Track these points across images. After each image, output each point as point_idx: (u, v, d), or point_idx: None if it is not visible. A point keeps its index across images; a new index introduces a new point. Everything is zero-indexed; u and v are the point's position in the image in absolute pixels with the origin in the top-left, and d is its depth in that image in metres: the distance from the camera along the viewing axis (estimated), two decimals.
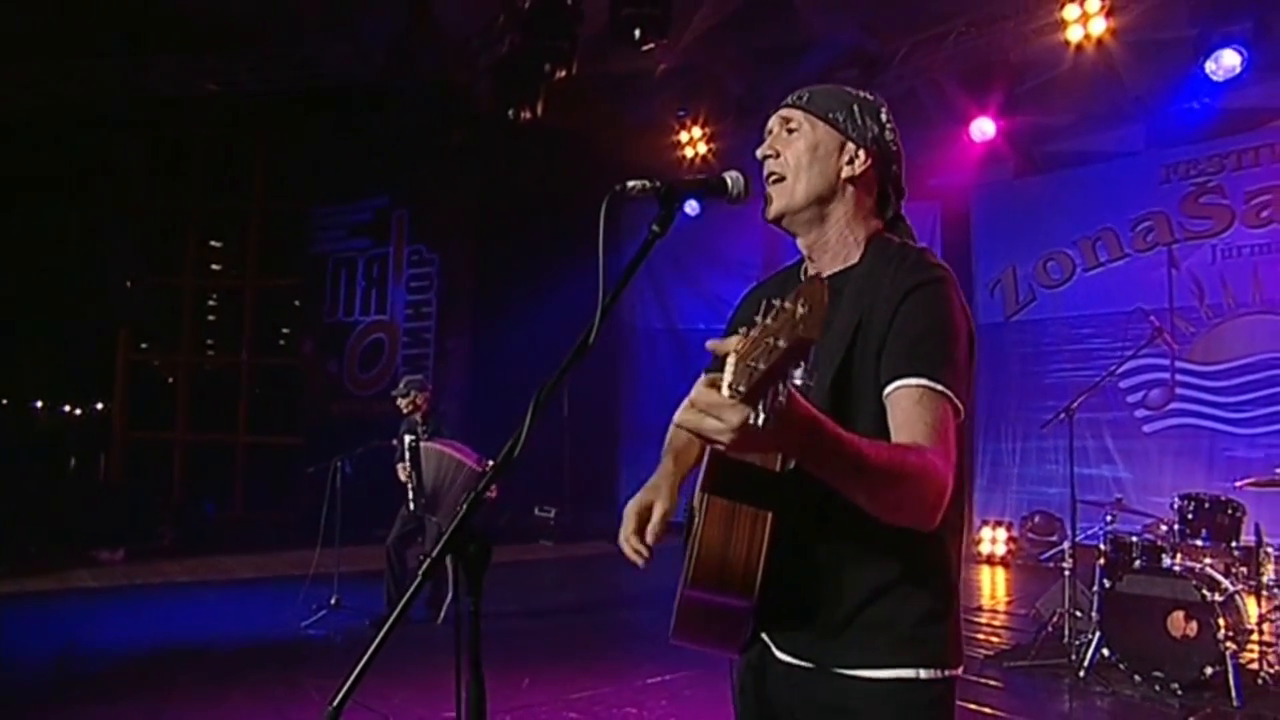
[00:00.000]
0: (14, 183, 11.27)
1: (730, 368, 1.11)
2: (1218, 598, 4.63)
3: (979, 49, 8.72)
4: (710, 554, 1.40)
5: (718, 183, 1.59)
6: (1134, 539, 5.25)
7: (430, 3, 9.12)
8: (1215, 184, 8.78)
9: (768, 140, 1.71)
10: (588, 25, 8.20)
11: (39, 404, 15.89)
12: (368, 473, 7.00)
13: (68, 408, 16.89)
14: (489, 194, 12.12)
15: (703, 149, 10.56)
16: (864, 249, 1.65)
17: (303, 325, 14.26)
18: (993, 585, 8.69)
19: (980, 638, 6.36)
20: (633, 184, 1.50)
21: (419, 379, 7.15)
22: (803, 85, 1.76)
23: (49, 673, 5.36)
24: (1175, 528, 5.16)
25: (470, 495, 1.34)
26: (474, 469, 6.36)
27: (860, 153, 1.65)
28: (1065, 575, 5.56)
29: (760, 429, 1.09)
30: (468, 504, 1.32)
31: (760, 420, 1.08)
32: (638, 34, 7.77)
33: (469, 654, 1.30)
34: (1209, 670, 4.58)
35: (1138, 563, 5.09)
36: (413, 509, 6.61)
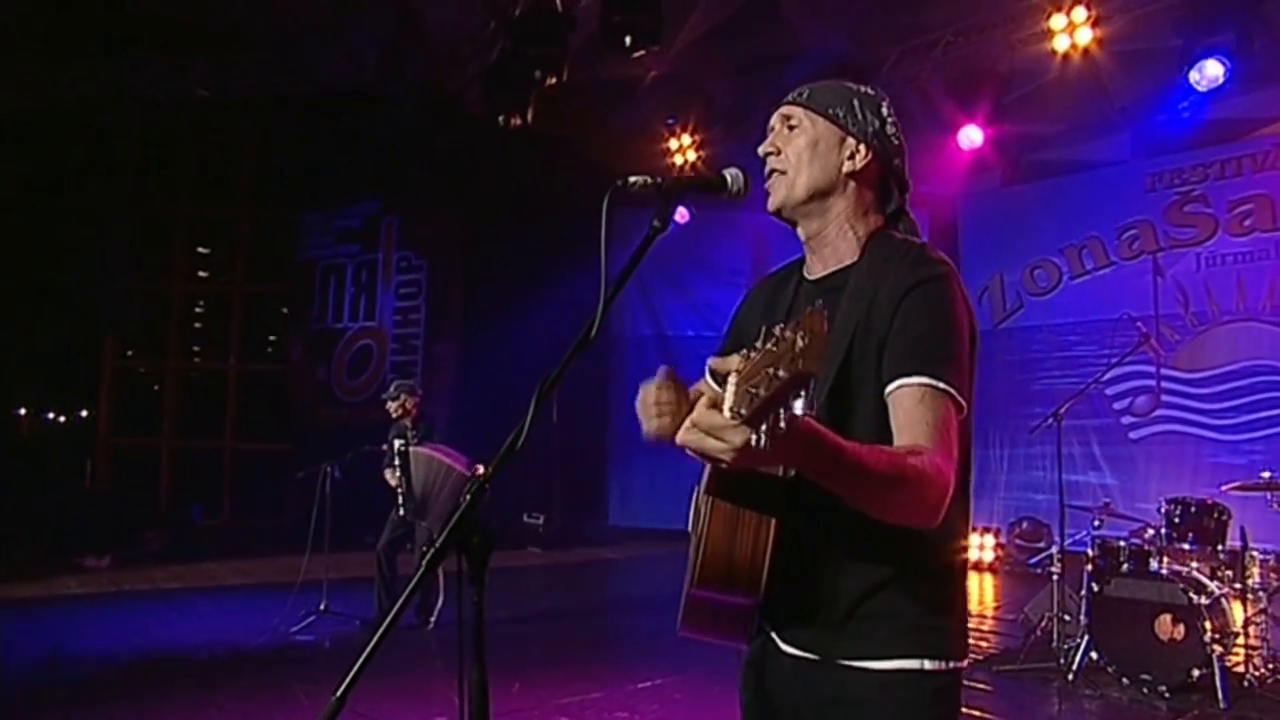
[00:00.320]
0: (1, 186, 11.19)
1: (731, 390, 1.12)
2: (1204, 601, 4.67)
3: (967, 58, 8.78)
4: (715, 555, 1.42)
5: (717, 180, 1.61)
6: (1121, 543, 5.28)
7: (421, 9, 9.12)
8: (1199, 193, 8.85)
9: (769, 137, 1.72)
10: (578, 32, 8.22)
11: (22, 411, 15.74)
12: (357, 478, 6.97)
13: (52, 415, 16.73)
14: (478, 201, 12.12)
15: (692, 156, 10.59)
16: (864, 246, 1.66)
17: (291, 331, 14.22)
18: (981, 591, 8.72)
19: (969, 642, 6.37)
20: (634, 179, 1.51)
21: (409, 383, 7.16)
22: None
23: (36, 680, 5.31)
24: (1162, 532, 5.18)
25: (475, 484, 1.35)
26: (463, 474, 6.34)
27: (861, 147, 1.67)
28: (1053, 580, 5.57)
29: (760, 449, 1.11)
30: (470, 495, 1.33)
31: (761, 443, 1.10)
32: (628, 41, 7.78)
33: (472, 647, 1.31)
34: (1196, 673, 4.61)
35: (1125, 567, 5.13)
36: (402, 514, 6.60)
